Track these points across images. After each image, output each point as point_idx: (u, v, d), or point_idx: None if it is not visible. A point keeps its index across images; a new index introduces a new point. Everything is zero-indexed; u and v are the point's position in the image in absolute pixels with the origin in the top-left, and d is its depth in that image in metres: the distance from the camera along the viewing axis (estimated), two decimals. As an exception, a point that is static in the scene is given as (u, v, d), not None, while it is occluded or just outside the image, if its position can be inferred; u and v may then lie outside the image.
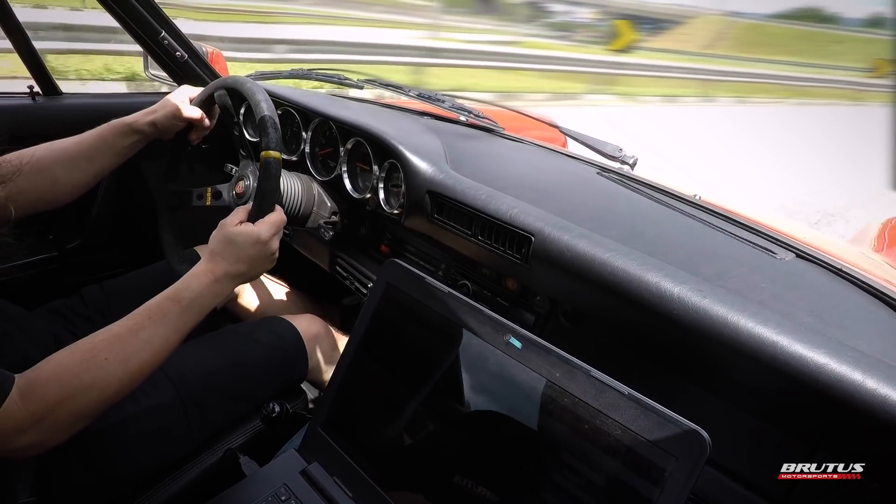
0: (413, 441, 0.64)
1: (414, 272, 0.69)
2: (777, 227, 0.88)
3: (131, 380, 0.61)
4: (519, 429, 0.56)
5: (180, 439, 0.82)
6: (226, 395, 0.87)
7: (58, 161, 0.82)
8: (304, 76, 1.32)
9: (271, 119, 0.78)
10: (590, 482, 0.51)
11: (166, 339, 0.64)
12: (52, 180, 0.81)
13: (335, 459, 0.69)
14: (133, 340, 0.61)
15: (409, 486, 0.63)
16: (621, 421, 0.50)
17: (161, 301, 0.65)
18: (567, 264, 0.71)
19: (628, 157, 1.09)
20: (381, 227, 1.06)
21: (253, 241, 0.70)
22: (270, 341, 0.94)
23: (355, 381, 0.71)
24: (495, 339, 0.60)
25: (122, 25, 1.17)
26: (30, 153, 0.81)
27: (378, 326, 0.71)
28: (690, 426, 0.47)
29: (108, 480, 0.75)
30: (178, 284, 0.67)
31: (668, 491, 0.46)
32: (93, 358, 0.59)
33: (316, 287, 1.34)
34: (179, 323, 0.65)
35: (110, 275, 1.08)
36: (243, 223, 0.72)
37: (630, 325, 0.71)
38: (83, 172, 0.84)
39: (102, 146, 0.84)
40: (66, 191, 0.84)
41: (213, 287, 0.68)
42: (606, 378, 0.52)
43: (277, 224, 0.74)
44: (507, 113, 1.33)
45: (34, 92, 1.21)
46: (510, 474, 0.56)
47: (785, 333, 0.55)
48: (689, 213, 0.87)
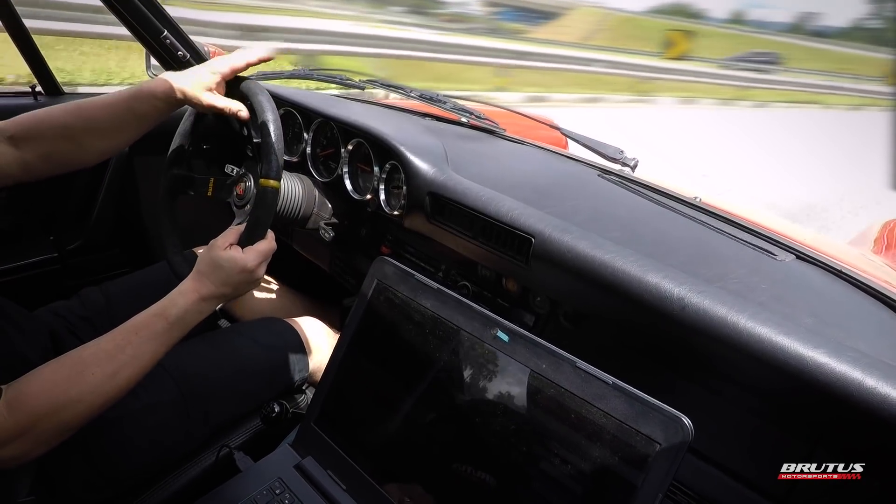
0: (405, 434, 0.65)
1: (403, 269, 0.71)
2: (777, 228, 0.89)
3: (118, 393, 0.63)
4: (507, 419, 0.58)
5: (181, 438, 0.82)
6: (227, 395, 0.87)
7: (86, 129, 0.80)
8: (305, 76, 1.32)
9: (276, 145, 0.77)
10: (577, 469, 0.52)
11: (153, 354, 0.66)
12: (78, 146, 0.80)
13: (329, 453, 0.70)
14: (120, 356, 0.63)
15: (402, 478, 0.64)
16: (606, 409, 0.52)
17: (148, 318, 0.67)
18: (568, 266, 0.71)
19: (629, 160, 1.09)
20: (382, 228, 1.06)
21: (240, 269, 0.72)
22: (272, 342, 0.95)
23: (347, 376, 0.72)
24: (483, 333, 0.62)
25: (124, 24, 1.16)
26: (56, 115, 0.79)
27: (369, 323, 0.72)
28: (673, 412, 0.48)
29: (108, 478, 0.75)
30: (164, 301, 0.69)
31: (653, 476, 0.48)
32: (80, 373, 0.60)
33: (316, 287, 1.34)
34: (166, 338, 0.67)
35: (111, 276, 1.08)
36: (233, 247, 0.74)
37: (631, 326, 0.71)
38: (111, 140, 0.83)
39: (130, 117, 0.81)
40: (93, 156, 0.83)
41: (199, 305, 0.70)
42: (591, 368, 0.54)
43: (266, 253, 0.75)
44: (508, 114, 1.33)
45: (36, 91, 1.21)
46: (499, 463, 0.57)
47: (785, 333, 0.55)
48: (690, 214, 0.88)
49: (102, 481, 0.75)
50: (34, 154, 0.77)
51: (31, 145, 0.76)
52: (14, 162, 0.75)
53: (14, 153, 0.75)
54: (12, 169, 0.75)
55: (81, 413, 0.60)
